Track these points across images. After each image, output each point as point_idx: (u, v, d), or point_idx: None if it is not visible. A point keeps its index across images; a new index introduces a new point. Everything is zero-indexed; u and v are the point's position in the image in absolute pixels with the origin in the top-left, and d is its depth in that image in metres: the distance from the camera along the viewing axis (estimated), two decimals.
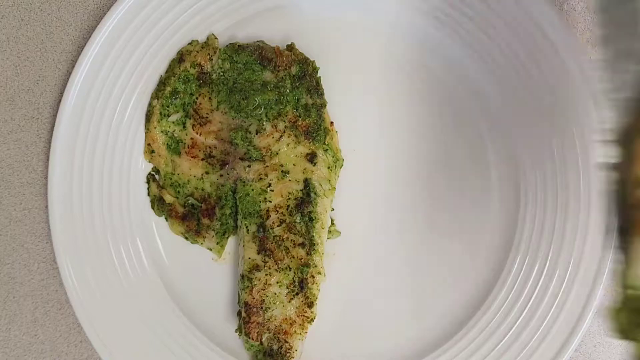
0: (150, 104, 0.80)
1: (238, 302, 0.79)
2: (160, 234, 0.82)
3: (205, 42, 0.79)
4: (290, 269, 0.76)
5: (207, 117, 0.79)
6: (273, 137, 0.77)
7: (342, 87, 0.81)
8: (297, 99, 0.77)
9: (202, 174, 0.80)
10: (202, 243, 0.81)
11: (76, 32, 0.84)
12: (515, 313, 0.78)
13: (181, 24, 0.78)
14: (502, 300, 0.79)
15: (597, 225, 0.77)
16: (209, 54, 0.78)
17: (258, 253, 0.76)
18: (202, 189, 0.80)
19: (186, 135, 0.80)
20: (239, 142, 0.77)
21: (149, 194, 0.82)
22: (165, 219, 0.82)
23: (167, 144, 0.80)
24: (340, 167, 0.80)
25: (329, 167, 0.79)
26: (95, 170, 0.79)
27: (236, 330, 0.79)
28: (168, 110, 0.79)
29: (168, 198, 0.80)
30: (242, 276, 0.77)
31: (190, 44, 0.79)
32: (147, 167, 0.81)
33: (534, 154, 0.79)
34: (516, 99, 0.79)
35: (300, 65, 0.78)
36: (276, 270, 0.76)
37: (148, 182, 0.81)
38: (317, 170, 0.77)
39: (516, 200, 0.79)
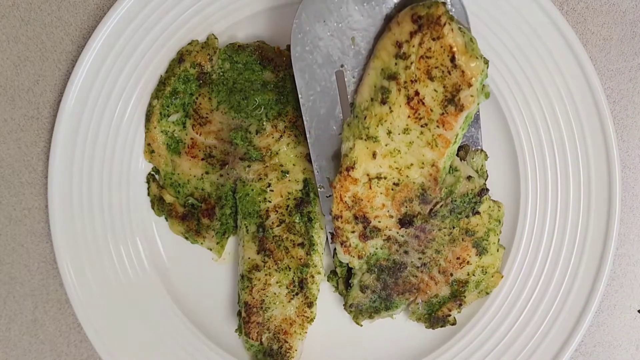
0: (150, 104, 0.80)
1: (238, 302, 0.79)
2: (160, 234, 0.82)
3: (205, 42, 0.79)
4: (289, 269, 0.76)
5: (207, 117, 0.79)
6: (273, 137, 0.77)
7: None
8: (297, 99, 0.77)
9: (202, 174, 0.80)
10: (202, 243, 0.81)
11: (76, 32, 0.84)
12: (515, 313, 0.78)
13: (181, 24, 0.78)
14: (502, 300, 0.79)
15: (596, 226, 0.77)
16: (209, 54, 0.78)
17: (258, 253, 0.76)
18: (202, 189, 0.80)
19: (186, 135, 0.80)
20: (239, 142, 0.77)
21: (149, 194, 0.82)
22: (165, 219, 0.82)
23: (167, 143, 0.80)
24: None
25: None
26: (95, 170, 0.79)
27: (236, 330, 0.80)
28: (168, 110, 0.79)
29: (168, 198, 0.80)
30: (242, 276, 0.77)
31: (190, 44, 0.79)
32: (147, 167, 0.82)
33: (536, 154, 0.79)
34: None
35: None
36: (276, 270, 0.76)
37: (148, 182, 0.81)
38: None
39: (516, 201, 0.79)
